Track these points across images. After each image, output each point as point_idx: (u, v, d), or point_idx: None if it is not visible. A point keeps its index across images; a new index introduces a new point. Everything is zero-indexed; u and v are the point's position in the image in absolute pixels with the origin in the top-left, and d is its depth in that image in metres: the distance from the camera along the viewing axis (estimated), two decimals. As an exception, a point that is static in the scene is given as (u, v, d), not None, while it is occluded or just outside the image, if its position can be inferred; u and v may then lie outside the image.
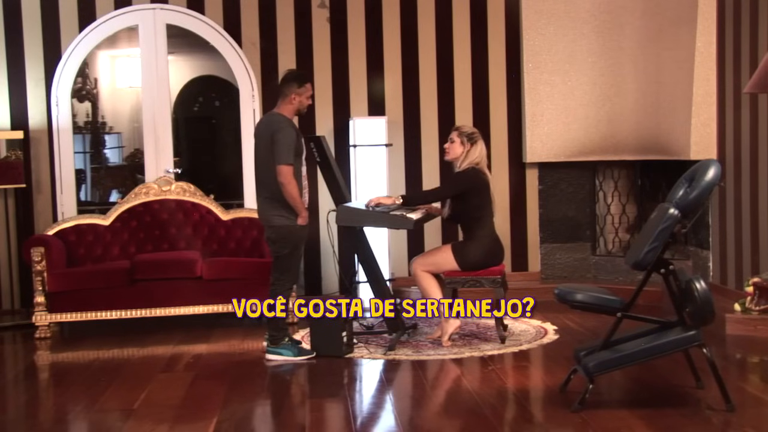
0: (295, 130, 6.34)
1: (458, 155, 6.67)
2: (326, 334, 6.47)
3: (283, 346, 6.52)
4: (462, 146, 6.66)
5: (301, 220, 6.34)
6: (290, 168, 6.21)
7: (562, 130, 8.65)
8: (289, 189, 6.23)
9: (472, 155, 6.64)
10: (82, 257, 7.83)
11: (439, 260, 6.65)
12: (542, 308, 7.62)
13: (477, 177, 6.59)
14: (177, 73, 10.68)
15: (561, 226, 8.89)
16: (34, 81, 8.34)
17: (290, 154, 6.23)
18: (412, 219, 6.48)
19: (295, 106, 6.40)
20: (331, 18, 8.63)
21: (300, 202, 6.30)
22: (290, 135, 6.26)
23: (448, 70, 8.75)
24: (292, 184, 6.22)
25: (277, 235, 6.38)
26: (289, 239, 6.37)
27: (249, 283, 7.45)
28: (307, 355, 6.49)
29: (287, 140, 6.22)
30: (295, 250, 6.45)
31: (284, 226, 6.35)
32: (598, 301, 5.19)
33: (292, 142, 6.25)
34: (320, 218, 8.44)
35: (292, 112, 6.41)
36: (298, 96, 6.38)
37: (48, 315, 7.38)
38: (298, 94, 6.38)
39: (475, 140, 6.66)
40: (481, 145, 6.68)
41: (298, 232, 6.38)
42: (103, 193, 11.22)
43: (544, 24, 8.61)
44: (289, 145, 6.22)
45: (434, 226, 8.32)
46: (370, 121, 8.41)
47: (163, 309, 7.47)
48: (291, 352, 6.49)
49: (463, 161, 6.65)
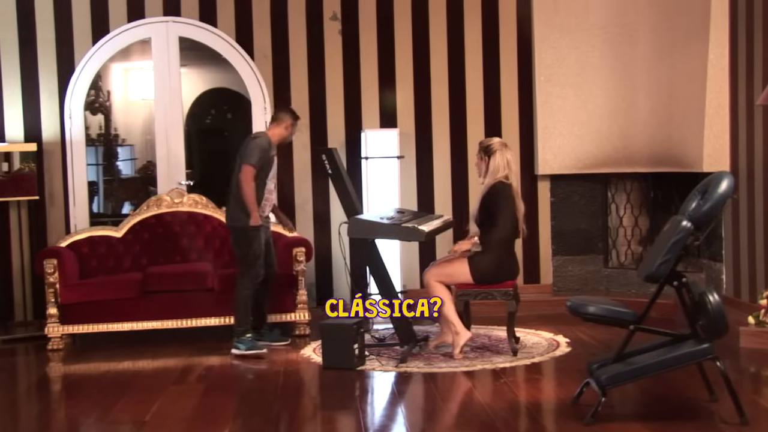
0: (270, 149, 7.00)
1: (483, 171, 6.65)
2: (338, 347, 6.46)
3: (264, 334, 7.21)
4: (482, 161, 6.65)
5: (252, 220, 6.85)
6: (251, 169, 6.85)
7: (575, 143, 8.64)
8: (245, 187, 6.84)
9: (493, 168, 6.60)
10: (94, 269, 7.85)
11: (454, 271, 6.62)
12: (554, 321, 7.63)
13: (498, 192, 6.55)
14: (189, 85, 10.73)
15: (573, 238, 8.88)
16: (48, 93, 8.39)
17: (256, 159, 6.87)
18: (423, 231, 6.48)
19: (285, 134, 7.17)
20: (343, 30, 8.65)
21: (253, 202, 6.84)
22: (263, 147, 6.94)
23: (460, 82, 8.76)
24: (249, 185, 6.84)
25: (234, 237, 7.06)
26: (243, 240, 6.96)
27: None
28: (283, 341, 7.22)
29: (259, 147, 6.92)
30: (249, 249, 6.95)
31: (238, 227, 6.96)
32: (611, 313, 5.17)
33: (263, 153, 6.92)
34: (332, 230, 8.45)
35: (278, 136, 7.14)
36: (289, 127, 7.17)
37: (60, 327, 7.40)
38: (289, 124, 7.16)
39: (492, 152, 6.62)
40: (500, 156, 6.61)
41: (250, 231, 6.91)
42: (115, 205, 11.26)
43: (557, 37, 8.62)
44: (258, 152, 6.89)
45: (446, 237, 8.30)
46: (381, 133, 8.42)
47: (175, 321, 7.47)
48: (270, 339, 7.20)
49: (487, 176, 6.63)
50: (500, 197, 6.55)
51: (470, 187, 8.61)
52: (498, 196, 6.54)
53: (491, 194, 6.56)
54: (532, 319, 7.77)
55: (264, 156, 6.94)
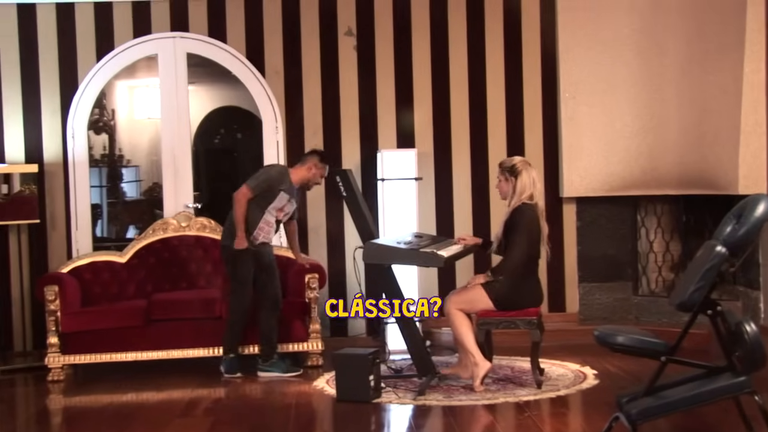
0: (280, 183, 7.16)
1: (508, 192, 6.64)
2: (352, 378, 6.44)
3: (273, 363, 7.30)
4: (508, 182, 6.64)
5: (236, 241, 7.07)
6: (247, 191, 7.08)
7: (602, 163, 8.61)
8: (235, 206, 7.09)
9: (519, 189, 6.60)
10: (97, 296, 7.86)
11: (474, 299, 6.61)
12: (581, 351, 7.59)
13: (523, 214, 6.54)
14: (197, 103, 10.75)
15: (600, 264, 8.83)
16: (50, 112, 8.43)
17: (256, 183, 7.12)
18: (442, 256, 6.46)
19: (308, 176, 7.29)
20: (358, 46, 8.67)
21: (240, 222, 7.06)
22: (272, 176, 7.18)
23: (480, 99, 8.76)
24: (240, 204, 7.06)
25: (223, 257, 7.37)
26: (230, 261, 7.22)
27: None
28: (294, 372, 7.29)
29: (266, 174, 7.21)
30: (234, 271, 7.20)
31: (225, 246, 7.25)
32: (641, 344, 5.14)
33: (269, 182, 7.15)
34: (346, 255, 8.43)
35: (300, 177, 7.30)
36: (315, 168, 7.28)
37: (61, 357, 7.41)
38: (316, 166, 7.28)
39: (518, 171, 6.62)
40: (526, 175, 6.62)
41: (236, 254, 7.12)
42: (119, 229, 11.28)
43: (583, 50, 8.61)
44: (263, 178, 7.16)
45: (467, 263, 8.28)
46: (399, 153, 8.42)
47: (182, 351, 7.48)
48: (280, 369, 7.28)
49: (512, 198, 6.62)
50: (525, 219, 6.55)
51: (492, 209, 8.59)
52: (522, 219, 6.54)
53: (515, 217, 6.55)
54: (557, 350, 7.73)
55: (269, 185, 7.16)
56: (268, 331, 7.31)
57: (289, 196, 7.27)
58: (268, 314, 7.28)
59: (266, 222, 7.22)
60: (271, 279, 7.34)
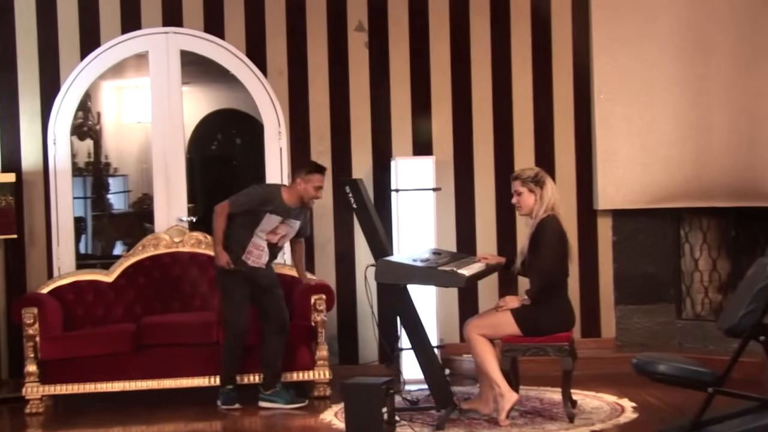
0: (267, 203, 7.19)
1: (532, 206, 6.62)
2: (364, 410, 6.42)
3: (276, 393, 7.29)
4: (532, 194, 6.63)
5: (215, 257, 7.23)
6: (226, 206, 7.20)
7: (640, 172, 8.60)
8: (214, 218, 7.23)
9: (546, 199, 6.58)
10: (80, 319, 7.87)
11: (498, 323, 6.59)
12: (618, 381, 7.57)
13: (551, 227, 6.53)
14: (192, 106, 10.79)
15: (639, 284, 8.81)
16: (29, 116, 8.45)
17: (236, 199, 7.24)
18: (463, 276, 6.45)
19: (300, 193, 7.25)
20: (370, 43, 8.68)
21: (217, 237, 7.20)
22: (255, 195, 7.26)
23: (505, 102, 8.76)
24: (218, 218, 7.19)
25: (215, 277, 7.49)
26: (218, 281, 7.41)
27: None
28: (299, 403, 7.29)
29: (247, 196, 7.26)
30: (225, 292, 7.32)
31: (214, 266, 7.36)
32: (685, 373, 5.12)
33: (251, 201, 7.22)
34: (357, 274, 8.43)
35: (294, 196, 7.28)
36: (303, 183, 7.22)
37: (41, 387, 7.40)
38: (304, 180, 7.22)
39: (543, 181, 6.62)
40: (550, 184, 6.63)
41: (222, 272, 7.24)
42: (106, 245, 11.31)
43: (618, 48, 8.61)
44: (245, 197, 7.25)
45: (490, 282, 8.26)
46: (415, 161, 8.43)
47: (175, 380, 7.47)
48: (283, 400, 7.28)
49: (539, 210, 6.60)
50: (553, 232, 6.53)
51: (518, 223, 8.57)
52: (551, 232, 6.52)
53: (542, 230, 6.53)
54: (591, 379, 7.71)
55: (250, 205, 7.23)
56: (272, 356, 7.30)
57: (282, 218, 7.27)
58: (274, 338, 7.28)
59: (255, 245, 7.26)
60: (275, 301, 7.34)
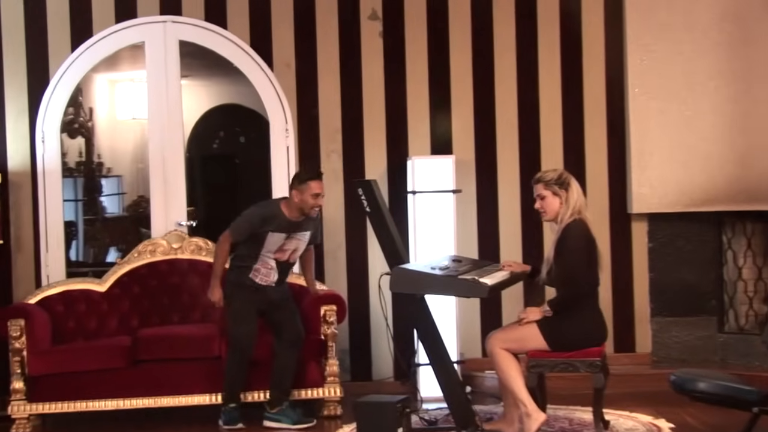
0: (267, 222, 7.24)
1: (557, 210, 6.60)
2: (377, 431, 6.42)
3: (282, 412, 7.30)
4: (557, 197, 6.61)
5: (209, 292, 7.33)
6: (228, 235, 7.32)
7: (679, 172, 8.59)
8: (215, 249, 7.44)
9: (572, 202, 6.57)
10: (71, 332, 7.87)
11: (524, 336, 6.57)
12: (654, 400, 7.57)
13: (579, 232, 6.50)
14: (192, 101, 10.82)
15: (678, 294, 8.80)
16: (15, 112, 8.48)
17: (237, 229, 7.32)
18: (486, 285, 6.43)
19: (298, 204, 7.27)
20: (385, 32, 8.68)
21: (215, 270, 7.35)
22: (255, 220, 7.28)
23: (531, 96, 8.76)
24: (219, 248, 7.35)
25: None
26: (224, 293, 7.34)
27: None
28: (306, 423, 7.28)
29: (247, 218, 7.32)
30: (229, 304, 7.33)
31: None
32: (728, 391, 5.11)
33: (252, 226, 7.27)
34: (370, 284, 8.43)
35: (293, 209, 7.30)
36: (298, 194, 7.25)
37: (28, 405, 7.40)
38: (299, 191, 7.25)
39: (567, 182, 6.60)
40: (576, 185, 6.61)
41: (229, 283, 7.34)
42: (98, 252, 11.34)
43: (655, 38, 8.60)
44: (244, 222, 7.31)
45: (514, 292, 8.23)
46: (433, 161, 8.42)
47: (173, 398, 7.47)
48: (290, 420, 7.28)
49: (564, 214, 6.58)
50: (580, 239, 6.50)
51: (545, 228, 8.55)
52: (577, 238, 6.49)
53: (569, 235, 6.51)
54: (625, 398, 7.70)
55: (251, 230, 7.28)
56: (282, 371, 7.30)
57: (287, 234, 7.31)
58: (286, 354, 7.30)
59: (263, 264, 7.34)
60: (288, 316, 7.38)
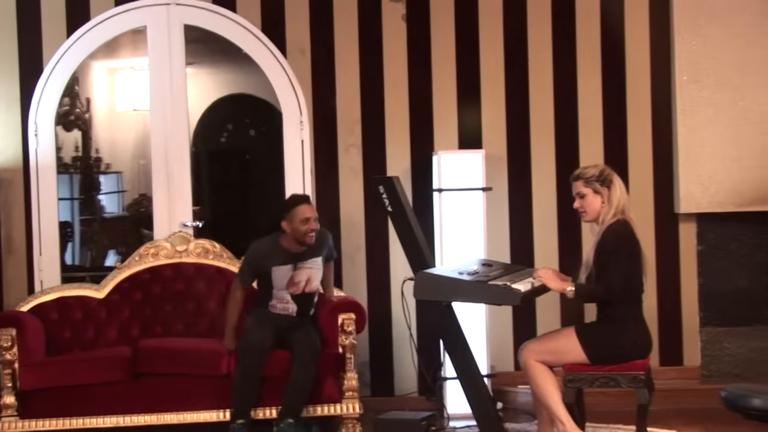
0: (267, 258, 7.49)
1: (599, 209, 6.58)
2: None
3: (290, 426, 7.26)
4: (598, 195, 6.59)
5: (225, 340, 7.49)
6: (238, 283, 7.60)
7: (732, 169, 8.58)
8: (226, 300, 7.70)
9: (615, 201, 6.53)
10: (67, 342, 7.89)
11: (560, 347, 6.55)
12: (704, 418, 7.58)
13: (622, 234, 6.48)
14: (198, 91, 10.84)
15: (730, 302, 8.79)
16: (6, 103, 8.53)
17: (244, 275, 7.61)
18: (519, 292, 6.43)
19: (292, 235, 7.45)
20: (408, 15, 8.70)
21: (228, 321, 7.52)
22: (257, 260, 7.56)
23: (569, 87, 8.77)
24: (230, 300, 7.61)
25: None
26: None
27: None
28: None
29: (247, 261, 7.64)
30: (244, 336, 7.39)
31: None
32: (783, 408, 5.12)
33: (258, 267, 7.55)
34: (392, 290, 8.45)
35: (291, 241, 7.48)
36: (287, 225, 7.45)
37: (20, 422, 7.40)
38: (287, 223, 7.44)
39: (610, 179, 6.55)
40: (619, 183, 6.54)
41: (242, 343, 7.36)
42: (96, 255, 11.36)
43: (705, 21, 8.59)
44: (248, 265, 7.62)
45: (549, 300, 8.24)
46: (461, 156, 8.45)
47: (177, 414, 7.46)
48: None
49: (606, 214, 6.57)
50: (624, 241, 6.46)
51: (584, 229, 8.57)
52: (621, 240, 6.46)
53: (610, 238, 6.49)
54: (671, 415, 7.72)
55: (257, 267, 7.56)
56: (291, 385, 7.23)
57: (293, 265, 7.44)
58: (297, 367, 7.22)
59: (278, 299, 7.54)
60: (306, 331, 7.39)
